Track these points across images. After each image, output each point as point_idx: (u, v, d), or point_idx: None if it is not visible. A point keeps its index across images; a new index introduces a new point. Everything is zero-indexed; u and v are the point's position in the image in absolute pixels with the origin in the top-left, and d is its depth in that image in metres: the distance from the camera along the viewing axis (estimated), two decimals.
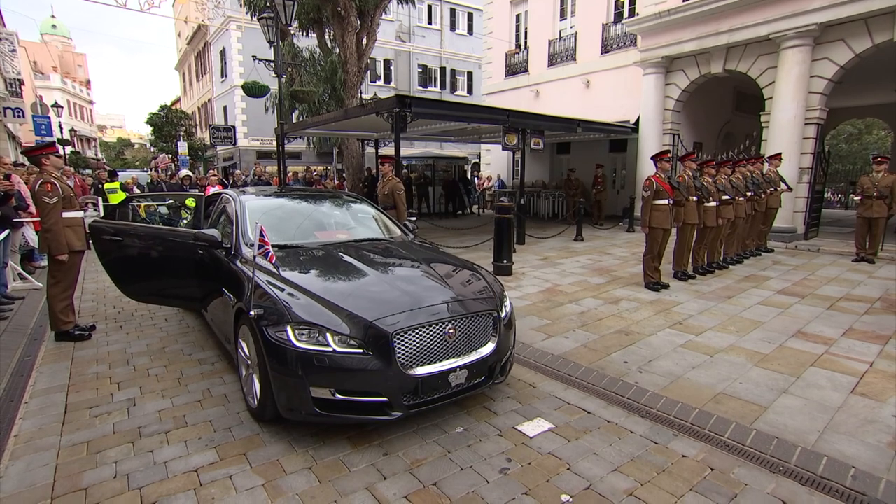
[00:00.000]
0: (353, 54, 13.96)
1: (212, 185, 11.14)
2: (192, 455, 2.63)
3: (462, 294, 3.07)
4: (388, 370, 2.57)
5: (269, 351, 2.64)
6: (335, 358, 2.55)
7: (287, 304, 2.74)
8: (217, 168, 25.16)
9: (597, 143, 15.22)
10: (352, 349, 2.58)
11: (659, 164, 6.19)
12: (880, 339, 4.34)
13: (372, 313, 2.67)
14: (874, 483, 2.39)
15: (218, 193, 5.07)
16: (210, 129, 25.16)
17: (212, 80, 29.84)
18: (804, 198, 9.81)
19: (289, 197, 4.78)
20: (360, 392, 2.61)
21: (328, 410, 2.60)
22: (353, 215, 4.57)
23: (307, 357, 2.55)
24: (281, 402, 2.69)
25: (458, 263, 3.72)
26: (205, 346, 4.32)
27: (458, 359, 2.80)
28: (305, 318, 2.64)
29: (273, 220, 3.92)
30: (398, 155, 8.05)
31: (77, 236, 4.44)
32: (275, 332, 2.64)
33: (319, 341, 2.58)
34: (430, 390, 2.71)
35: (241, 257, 3.47)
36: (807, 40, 9.12)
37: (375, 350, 2.58)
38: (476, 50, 26.49)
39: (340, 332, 2.60)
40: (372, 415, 2.64)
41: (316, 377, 2.56)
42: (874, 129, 28.96)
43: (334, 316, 2.67)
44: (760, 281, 6.60)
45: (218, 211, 4.59)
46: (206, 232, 3.74)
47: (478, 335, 2.94)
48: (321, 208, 4.51)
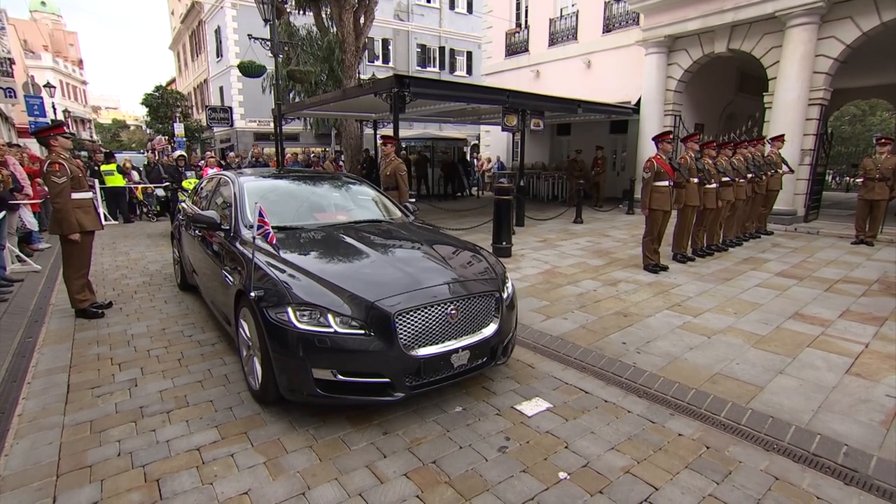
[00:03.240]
0: (350, 33, 13.70)
1: (209, 166, 11.06)
2: (194, 434, 2.66)
3: (463, 275, 3.05)
4: (389, 351, 2.56)
5: (270, 332, 2.62)
6: (337, 339, 2.54)
7: (287, 285, 2.72)
8: (214, 150, 24.97)
9: (597, 125, 15.07)
10: (353, 330, 2.56)
11: (660, 146, 6.14)
12: (876, 320, 4.37)
13: (373, 294, 2.65)
14: (866, 460, 2.43)
15: (214, 175, 5.02)
16: (206, 110, 24.85)
17: (207, 59, 29.35)
18: (805, 180, 9.76)
19: (287, 178, 4.70)
20: (362, 373, 2.59)
21: (330, 391, 2.59)
22: (353, 197, 4.51)
23: (308, 338, 2.54)
24: (283, 384, 2.68)
25: (459, 245, 3.68)
26: (205, 327, 4.33)
27: (461, 340, 2.79)
28: (306, 300, 2.62)
29: (272, 202, 3.86)
30: (397, 135, 7.97)
31: (88, 217, 4.53)
32: (275, 313, 2.62)
33: (321, 322, 2.56)
34: (432, 371, 2.70)
35: (241, 239, 3.44)
36: (813, 18, 8.95)
37: (377, 331, 2.56)
38: (476, 29, 26.00)
39: (342, 312, 2.58)
40: (374, 396, 2.64)
41: (317, 358, 2.55)
42: (878, 110, 28.69)
43: (335, 297, 2.64)
44: (759, 263, 6.61)
45: (214, 192, 4.54)
46: (204, 214, 3.69)
47: (480, 316, 2.92)
48: (320, 190, 4.47)
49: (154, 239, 9.19)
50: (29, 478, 2.28)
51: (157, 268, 6.70)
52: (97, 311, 4.63)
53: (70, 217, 4.31)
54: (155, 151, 15.53)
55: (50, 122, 14.10)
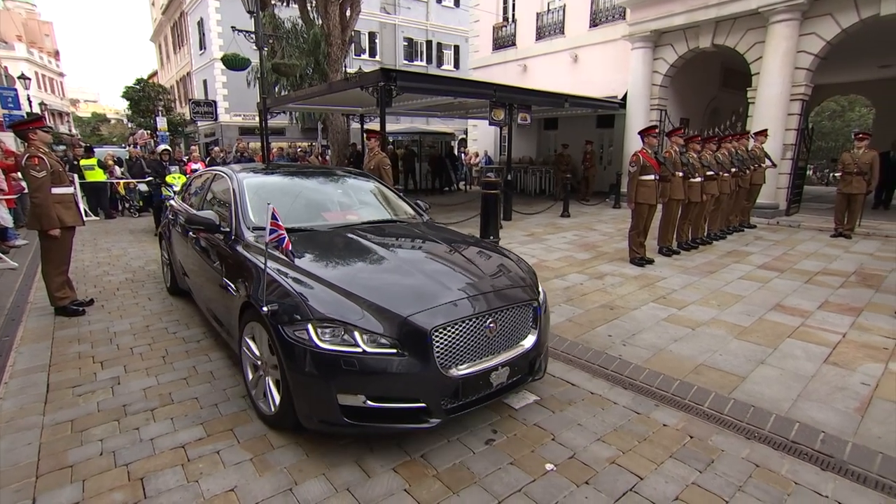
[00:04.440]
0: (336, 26, 13.53)
1: (193, 161, 10.88)
2: (179, 432, 2.62)
3: (500, 283, 2.76)
4: (425, 372, 2.29)
5: (286, 353, 2.33)
6: (365, 360, 2.24)
7: (305, 297, 2.41)
8: (199, 144, 24.57)
9: (584, 119, 15.13)
10: (384, 349, 2.27)
11: (646, 140, 6.19)
12: (853, 311, 4.48)
13: (405, 307, 2.36)
14: (841, 446, 2.50)
15: (206, 171, 4.73)
16: (190, 103, 24.39)
17: (190, 52, 28.82)
18: (787, 174, 9.93)
19: (289, 174, 4.37)
20: (394, 398, 2.31)
21: (358, 420, 2.29)
22: (362, 195, 4.17)
23: (333, 360, 2.24)
24: (302, 411, 2.39)
25: (487, 248, 3.41)
26: (189, 323, 4.28)
27: (500, 355, 2.54)
28: (328, 315, 2.31)
29: (276, 200, 3.63)
30: (384, 130, 7.92)
31: (68, 212, 4.42)
32: (293, 330, 2.32)
33: (346, 341, 2.27)
34: (470, 392, 2.44)
35: (244, 242, 3.13)
36: (795, 14, 9.08)
37: (411, 349, 2.28)
38: (463, 23, 25.88)
39: (370, 329, 2.28)
40: (407, 423, 2.34)
41: (344, 382, 2.26)
42: (856, 106, 29.28)
43: (361, 311, 2.35)
44: (742, 256, 6.72)
45: (205, 190, 4.21)
46: (200, 214, 3.31)
47: (518, 328, 2.67)
48: (327, 187, 4.13)
49: (136, 235, 9.03)
50: (7, 479, 2.24)
51: (139, 264, 6.59)
52: (78, 308, 4.53)
53: (50, 212, 4.21)
54: (137, 146, 15.22)
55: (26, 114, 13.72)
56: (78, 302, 4.64)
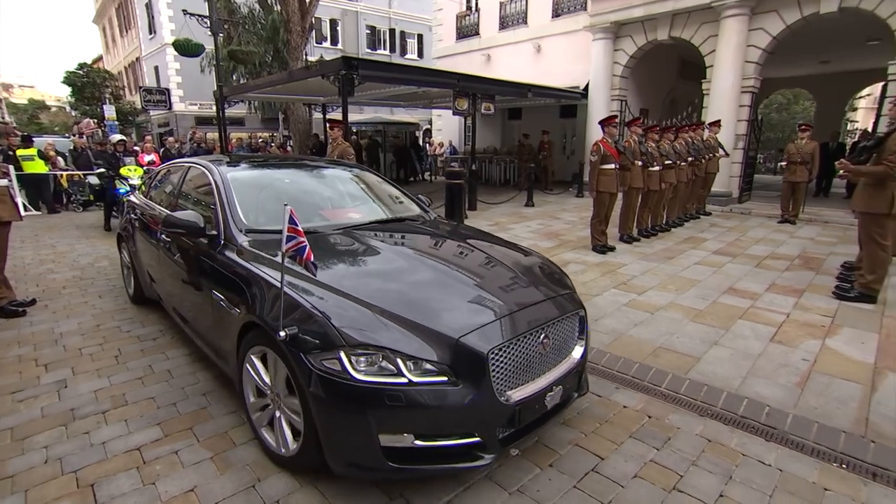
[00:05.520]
0: (295, 12, 13.11)
1: (146, 153, 10.35)
2: (134, 434, 2.52)
3: (547, 291, 2.49)
4: (481, 401, 1.96)
5: (313, 387, 1.94)
6: (412, 392, 1.88)
7: (333, 319, 1.99)
8: (152, 135, 23.40)
9: (547, 109, 15.31)
10: (433, 378, 1.92)
11: (606, 129, 6.32)
12: (796, 292, 4.76)
13: (454, 327, 2.02)
14: (783, 418, 2.67)
15: (175, 163, 4.12)
16: (141, 91, 23.12)
17: (138, 36, 27.30)
18: (739, 163, 10.39)
19: (275, 166, 3.91)
20: (445, 434, 1.98)
21: (404, 462, 1.93)
22: (362, 188, 3.76)
23: (373, 394, 1.87)
24: (334, 455, 2.00)
25: (518, 249, 3.11)
26: (145, 321, 4.10)
27: (552, 372, 2.27)
28: (363, 339, 1.92)
29: (266, 198, 3.13)
30: (346, 119, 7.76)
31: (3, 206, 4.14)
32: (320, 360, 1.92)
33: (387, 370, 1.91)
34: (527, 417, 2.16)
35: (237, 248, 2.66)
36: (745, 10, 9.45)
37: (465, 376, 1.94)
38: (427, 11, 25.61)
39: (416, 355, 1.92)
40: (459, 462, 1.99)
41: (387, 421, 1.90)
42: (801, 99, 30.84)
43: (402, 333, 1.97)
44: (698, 242, 7.00)
45: (178, 186, 3.67)
46: (180, 216, 2.80)
47: (567, 340, 2.42)
48: (321, 180, 3.68)
49: (84, 230, 8.55)
50: None
51: (88, 261, 6.25)
52: (17, 309, 4.25)
53: None
54: (82, 136, 14.33)
55: None
56: (17, 302, 4.35)
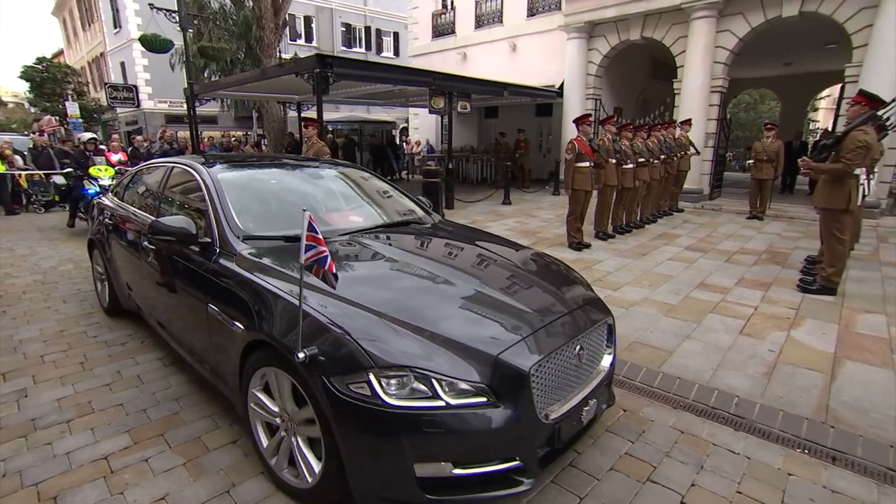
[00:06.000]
0: (268, 8, 12.86)
1: (113, 152, 9.99)
2: (101, 442, 2.43)
3: (576, 299, 2.39)
4: (521, 422, 1.81)
5: (338, 414, 1.76)
6: (450, 417, 1.71)
7: (359, 337, 1.80)
8: (119, 133, 22.65)
9: (523, 108, 15.43)
10: (472, 399, 1.75)
11: (581, 128, 6.40)
12: (764, 285, 4.92)
13: (491, 342, 1.87)
14: (751, 407, 2.76)
15: (155, 163, 3.80)
16: (106, 88, 22.33)
17: (102, 30, 26.32)
18: (709, 161, 10.67)
19: (265, 166, 3.64)
20: (484, 459, 1.81)
21: (441, 493, 1.76)
22: (359, 189, 3.53)
23: (408, 420, 1.70)
24: (362, 489, 1.83)
25: (536, 254, 2.99)
26: (113, 326, 3.96)
27: (586, 385, 2.15)
28: (393, 360, 1.74)
29: (262, 200, 2.98)
30: (321, 118, 7.67)
31: None
32: (346, 383, 1.74)
33: (421, 393, 1.73)
34: (566, 435, 2.03)
35: (235, 256, 2.43)
36: (713, 12, 9.71)
37: (506, 396, 1.79)
38: (402, 9, 25.42)
39: (451, 375, 1.75)
40: (500, 489, 1.82)
41: (424, 449, 1.73)
42: (766, 99, 31.85)
43: (435, 350, 1.81)
44: (671, 238, 7.17)
45: (160, 188, 3.39)
46: (169, 223, 2.55)
47: (598, 350, 2.31)
48: (317, 181, 3.43)
49: (46, 233, 8.22)
50: None
51: (51, 264, 6.00)
52: None
53: None
54: (43, 134, 13.76)
55: None
56: None
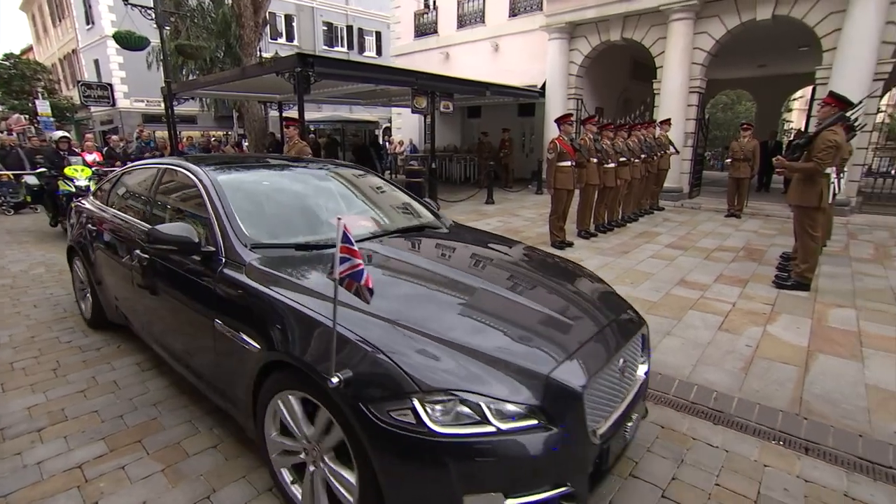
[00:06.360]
0: (248, 6, 12.65)
1: (87, 151, 9.72)
2: (75, 451, 2.37)
3: (612, 308, 2.26)
4: (575, 444, 1.67)
5: (378, 445, 1.58)
6: (500, 444, 1.54)
7: (397, 357, 1.62)
8: (94, 132, 22.07)
9: (506, 108, 15.50)
10: (523, 422, 1.58)
11: (562, 127, 6.45)
12: (741, 282, 5.03)
13: (540, 360, 1.73)
14: (729, 402, 2.82)
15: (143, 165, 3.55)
16: (79, 86, 21.73)
17: (74, 26, 25.60)
18: (689, 160, 10.87)
19: (263, 168, 3.33)
20: (536, 487, 1.62)
21: None
22: (366, 192, 3.33)
23: (458, 449, 1.53)
24: None
25: (560, 260, 2.85)
26: (87, 331, 3.85)
27: (626, 398, 1.99)
28: (440, 384, 1.57)
29: (265, 205, 2.77)
30: (302, 118, 7.58)
31: None
32: (386, 410, 1.56)
33: (467, 417, 1.55)
34: (612, 455, 1.88)
35: (244, 267, 2.19)
36: (690, 14, 9.89)
37: (558, 417, 1.62)
38: (385, 8, 25.34)
39: (499, 396, 1.59)
40: None
41: (474, 480, 1.55)
42: (743, 99, 32.56)
43: (482, 371, 1.64)
44: (652, 237, 7.28)
45: (151, 191, 3.13)
46: (168, 230, 2.30)
47: (635, 361, 2.17)
48: (321, 183, 3.21)
49: (16, 235, 7.96)
50: None
51: (21, 268, 5.82)
52: None
53: None
54: (12, 133, 13.33)
55: None
56: None
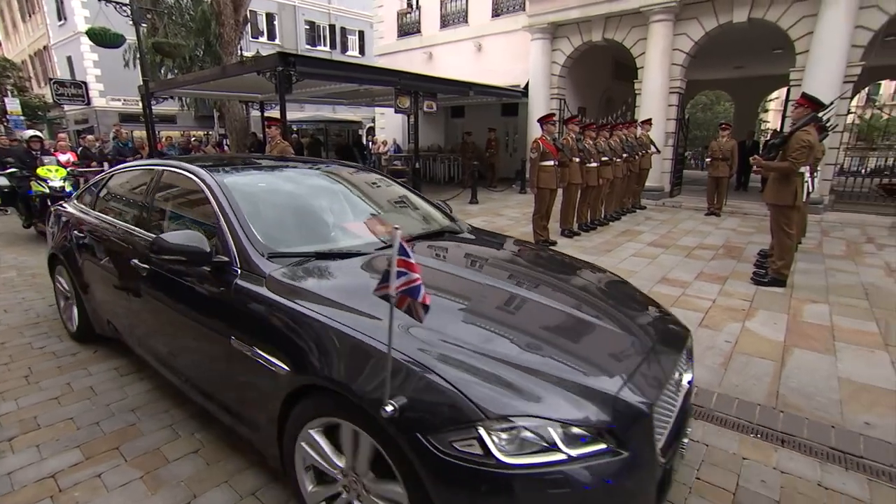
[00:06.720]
0: (227, 4, 12.45)
1: (61, 151, 9.45)
2: (48, 459, 2.29)
3: (659, 319, 2.14)
4: (645, 467, 1.52)
5: (439, 480, 1.41)
6: (573, 472, 1.38)
7: (455, 379, 1.45)
8: (68, 132, 21.47)
9: (489, 107, 15.55)
10: (593, 447, 1.42)
11: (545, 127, 6.50)
12: (721, 279, 5.12)
13: (605, 377, 1.58)
14: (709, 397, 2.86)
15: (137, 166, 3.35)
16: (52, 84, 21.12)
17: (45, 21, 24.89)
18: (669, 160, 11.04)
19: (268, 169, 3.08)
20: None
21: None
22: (378, 195, 3.18)
23: (529, 481, 1.36)
24: None
25: (591, 266, 2.76)
26: (62, 335, 3.74)
27: (677, 412, 1.82)
28: (506, 409, 1.40)
29: (277, 209, 2.58)
30: (284, 117, 7.50)
31: None
32: (448, 441, 1.38)
33: (535, 445, 1.38)
34: (673, 475, 1.73)
35: (264, 279, 1.99)
36: (669, 16, 10.05)
37: (628, 439, 1.47)
38: (367, 8, 25.16)
39: (568, 420, 1.43)
40: None
41: None
42: (721, 100, 33.23)
43: (546, 391, 1.47)
44: (635, 235, 7.37)
45: (148, 196, 2.87)
46: (177, 239, 2.07)
47: (683, 372, 2.03)
48: (333, 185, 3.02)
49: None
50: None
51: None
52: None
53: None
54: None
55: None
56: None
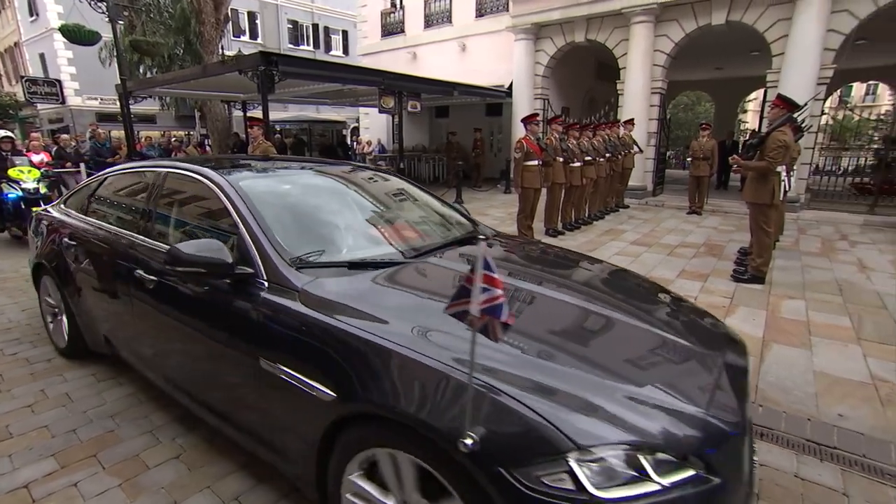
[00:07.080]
0: (207, 2, 12.25)
1: (34, 151, 9.19)
2: (20, 469, 2.22)
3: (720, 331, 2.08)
4: (735, 496, 1.41)
5: None
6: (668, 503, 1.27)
7: (537, 406, 1.31)
8: (42, 131, 20.91)
9: (474, 107, 15.57)
10: (683, 474, 1.30)
11: (529, 127, 6.53)
12: (702, 277, 5.21)
13: (692, 397, 1.47)
14: None
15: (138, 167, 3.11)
16: (24, 82, 20.51)
17: (15, 17, 24.18)
18: (652, 159, 11.20)
19: (282, 170, 2.90)
20: None
21: None
22: (402, 197, 3.07)
23: None
24: None
25: (629, 273, 2.74)
26: (36, 341, 3.63)
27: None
28: (597, 438, 1.28)
29: (299, 215, 2.40)
30: (267, 117, 7.41)
31: None
32: (536, 475, 1.25)
33: (624, 475, 1.27)
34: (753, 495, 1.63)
35: (297, 292, 1.81)
36: (650, 17, 10.19)
37: (717, 464, 1.35)
38: (351, 7, 25.03)
39: (658, 446, 1.31)
40: None
41: None
42: (702, 100, 33.85)
43: (633, 415, 1.35)
44: (618, 234, 7.45)
45: (151, 201, 2.64)
46: (195, 251, 1.88)
47: None
48: (352, 190, 2.84)
49: None
50: None
51: None
52: None
53: None
54: None
55: None
56: None
